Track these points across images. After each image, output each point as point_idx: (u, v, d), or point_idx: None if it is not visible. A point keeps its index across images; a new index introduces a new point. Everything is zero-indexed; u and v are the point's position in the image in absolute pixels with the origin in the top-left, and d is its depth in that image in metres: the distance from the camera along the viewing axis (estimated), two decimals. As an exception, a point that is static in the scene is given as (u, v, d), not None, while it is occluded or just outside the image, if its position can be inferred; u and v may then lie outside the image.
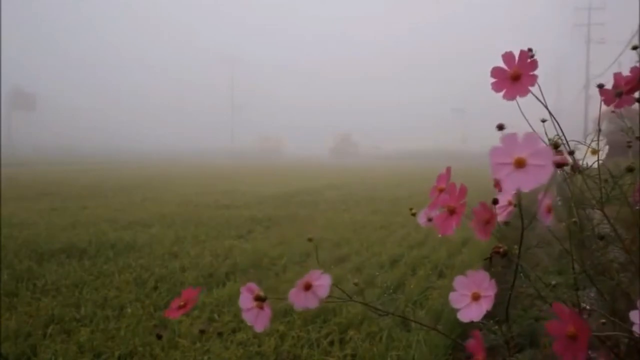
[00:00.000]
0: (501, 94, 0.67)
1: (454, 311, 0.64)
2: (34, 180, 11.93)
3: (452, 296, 0.64)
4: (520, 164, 0.52)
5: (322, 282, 0.67)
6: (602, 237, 0.83)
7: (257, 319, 0.68)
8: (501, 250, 0.66)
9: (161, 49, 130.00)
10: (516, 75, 0.66)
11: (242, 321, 2.45)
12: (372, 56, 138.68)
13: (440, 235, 0.69)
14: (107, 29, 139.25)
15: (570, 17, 39.47)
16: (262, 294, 0.67)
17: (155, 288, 3.05)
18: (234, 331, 2.38)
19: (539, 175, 0.51)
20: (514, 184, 0.52)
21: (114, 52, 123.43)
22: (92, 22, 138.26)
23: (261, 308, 0.68)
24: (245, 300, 0.69)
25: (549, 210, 0.63)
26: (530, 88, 0.67)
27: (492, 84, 0.67)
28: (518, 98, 0.68)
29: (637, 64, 0.80)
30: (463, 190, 0.66)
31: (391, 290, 2.94)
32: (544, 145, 0.54)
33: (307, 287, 0.67)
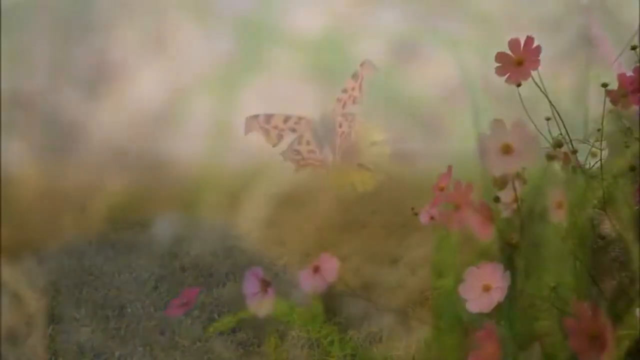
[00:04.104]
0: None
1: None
2: (34, 180, 11.93)
3: (462, 287, 0.64)
4: (507, 150, 0.56)
5: (330, 265, 0.68)
6: (602, 237, 0.83)
7: (261, 304, 0.69)
8: (513, 240, 0.65)
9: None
10: (520, 60, 0.68)
11: (242, 321, 2.46)
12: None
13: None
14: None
15: (570, 17, 39.59)
16: (267, 278, 0.68)
17: (155, 288, 3.05)
18: (234, 331, 2.38)
19: (524, 158, 0.54)
20: (502, 167, 0.55)
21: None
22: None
23: (265, 292, 0.69)
24: (251, 285, 0.69)
25: (560, 206, 0.62)
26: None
27: (496, 68, 0.69)
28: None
29: (637, 64, 0.80)
30: (469, 188, 0.66)
31: (391, 291, 2.95)
32: (531, 131, 0.57)
33: (316, 269, 0.67)
